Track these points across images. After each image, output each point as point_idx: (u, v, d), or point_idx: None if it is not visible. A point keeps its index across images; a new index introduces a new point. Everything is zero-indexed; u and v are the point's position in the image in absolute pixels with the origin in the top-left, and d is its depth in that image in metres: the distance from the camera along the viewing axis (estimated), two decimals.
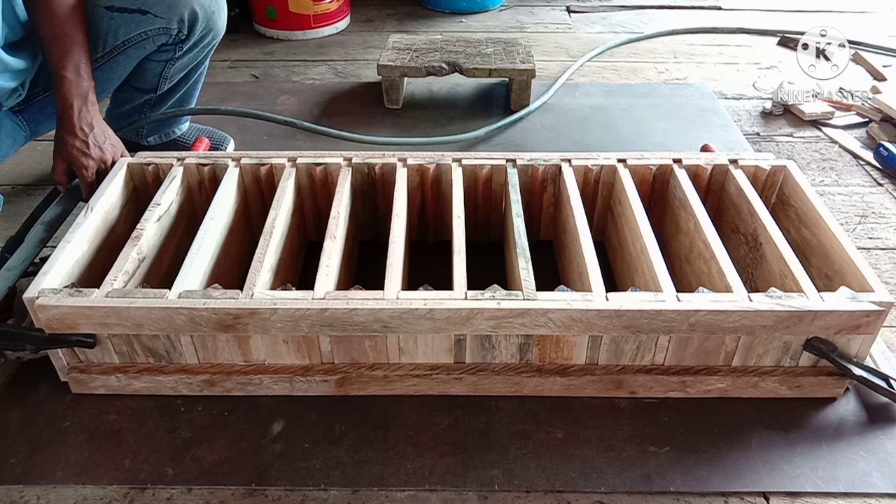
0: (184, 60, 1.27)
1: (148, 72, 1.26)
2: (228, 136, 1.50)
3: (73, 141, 1.07)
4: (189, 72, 1.32)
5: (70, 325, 0.85)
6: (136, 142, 1.40)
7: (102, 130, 1.11)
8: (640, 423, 0.89)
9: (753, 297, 0.84)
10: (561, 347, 0.88)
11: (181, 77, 1.31)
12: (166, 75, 1.27)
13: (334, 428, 0.88)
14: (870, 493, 0.81)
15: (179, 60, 1.26)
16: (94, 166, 1.08)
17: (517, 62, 1.63)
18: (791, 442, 0.86)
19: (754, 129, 1.61)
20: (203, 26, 1.22)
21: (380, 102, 1.69)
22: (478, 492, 0.81)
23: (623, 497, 0.81)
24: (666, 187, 1.10)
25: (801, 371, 0.90)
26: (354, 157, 1.09)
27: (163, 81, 1.28)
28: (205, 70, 1.38)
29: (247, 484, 0.81)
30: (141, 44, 1.19)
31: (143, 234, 0.95)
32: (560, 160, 1.09)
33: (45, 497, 0.81)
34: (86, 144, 1.07)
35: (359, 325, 0.84)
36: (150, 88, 1.29)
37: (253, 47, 2.06)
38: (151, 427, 0.88)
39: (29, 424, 0.88)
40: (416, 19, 2.26)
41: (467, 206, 1.07)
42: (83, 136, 1.07)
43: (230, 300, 0.83)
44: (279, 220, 0.98)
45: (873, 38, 2.03)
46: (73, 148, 1.07)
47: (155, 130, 1.41)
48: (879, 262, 1.19)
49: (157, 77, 1.27)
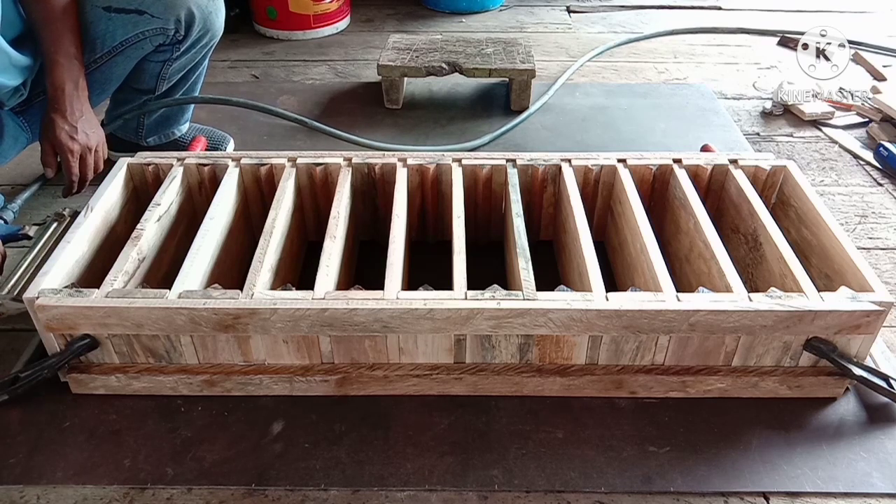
0: (181, 61, 1.26)
1: (146, 72, 1.26)
2: (228, 136, 1.50)
3: (63, 124, 1.07)
4: (187, 72, 1.32)
5: (70, 325, 0.85)
6: (135, 142, 1.40)
7: (89, 118, 1.12)
8: (640, 423, 0.89)
9: (753, 297, 0.84)
10: (561, 347, 0.88)
11: (179, 77, 1.31)
12: (164, 76, 1.27)
13: (334, 428, 0.88)
14: (870, 493, 0.81)
15: (177, 61, 1.26)
16: (79, 151, 1.08)
17: (517, 62, 1.63)
18: (791, 442, 0.86)
19: (754, 129, 1.61)
20: (200, 27, 1.22)
21: (380, 102, 1.69)
22: (478, 492, 0.81)
23: (623, 497, 0.81)
24: (666, 187, 1.10)
25: (801, 371, 0.90)
26: (354, 157, 1.09)
27: (161, 82, 1.28)
28: (203, 70, 1.38)
29: (247, 484, 0.81)
30: (138, 44, 1.19)
31: (143, 234, 0.95)
32: (560, 160, 1.09)
33: (45, 497, 0.81)
34: (74, 129, 1.08)
35: (359, 325, 0.84)
36: (148, 89, 1.29)
37: (253, 47, 2.06)
38: (151, 427, 0.88)
39: (29, 424, 0.88)
40: (416, 19, 2.26)
41: (467, 206, 1.07)
42: (72, 121, 1.08)
43: (230, 300, 0.83)
44: (279, 220, 0.98)
45: (873, 38, 2.03)
46: (62, 131, 1.07)
47: (154, 131, 1.40)
48: (879, 262, 1.19)
49: (156, 78, 1.27)
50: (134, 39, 1.18)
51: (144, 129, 1.39)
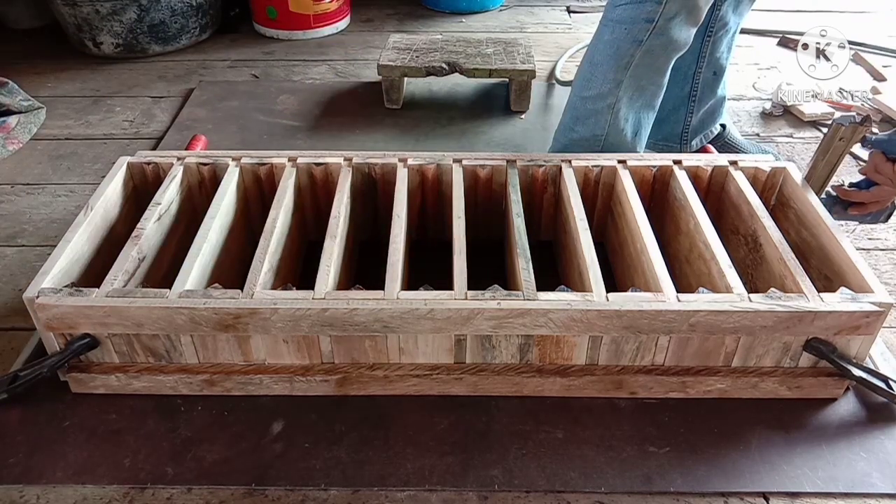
0: None
1: None
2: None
3: None
4: None
5: (70, 324, 0.85)
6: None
7: None
8: (640, 423, 0.89)
9: (753, 298, 0.84)
10: (561, 348, 0.88)
11: None
12: None
13: (334, 428, 0.88)
14: (870, 494, 0.81)
15: None
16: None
17: (517, 62, 1.63)
18: (791, 442, 0.86)
19: (754, 129, 1.61)
20: None
21: (380, 102, 1.69)
22: (478, 492, 0.81)
23: (623, 497, 0.81)
24: (666, 188, 1.10)
25: (800, 372, 0.90)
26: (355, 157, 1.09)
27: None
28: None
29: (247, 484, 0.81)
30: None
31: (144, 233, 0.95)
32: (560, 161, 1.09)
33: (45, 497, 0.81)
34: None
35: (359, 325, 0.84)
36: None
37: (253, 47, 2.06)
38: (151, 427, 0.88)
39: (29, 424, 0.88)
40: (416, 19, 2.26)
41: (467, 206, 1.07)
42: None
43: (230, 300, 0.83)
44: (279, 220, 0.98)
45: (873, 38, 2.03)
46: None
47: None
48: (879, 263, 1.19)
49: None
50: None
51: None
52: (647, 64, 1.11)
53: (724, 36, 1.29)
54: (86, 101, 1.73)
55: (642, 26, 1.08)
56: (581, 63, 1.19)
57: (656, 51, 1.10)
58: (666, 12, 1.06)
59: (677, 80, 1.29)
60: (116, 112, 1.68)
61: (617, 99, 1.14)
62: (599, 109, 1.15)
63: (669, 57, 1.13)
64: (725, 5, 1.23)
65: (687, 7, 1.07)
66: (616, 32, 1.10)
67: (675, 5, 1.05)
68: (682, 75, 1.31)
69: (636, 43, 1.09)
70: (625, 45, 1.10)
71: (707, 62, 1.31)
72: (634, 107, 1.17)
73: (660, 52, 1.11)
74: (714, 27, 1.26)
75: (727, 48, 1.32)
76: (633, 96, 1.15)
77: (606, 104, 1.14)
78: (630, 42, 1.09)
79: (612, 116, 1.15)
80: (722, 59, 1.32)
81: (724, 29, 1.27)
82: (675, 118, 1.38)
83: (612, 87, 1.13)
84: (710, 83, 1.34)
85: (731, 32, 1.30)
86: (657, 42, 1.09)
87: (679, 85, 1.32)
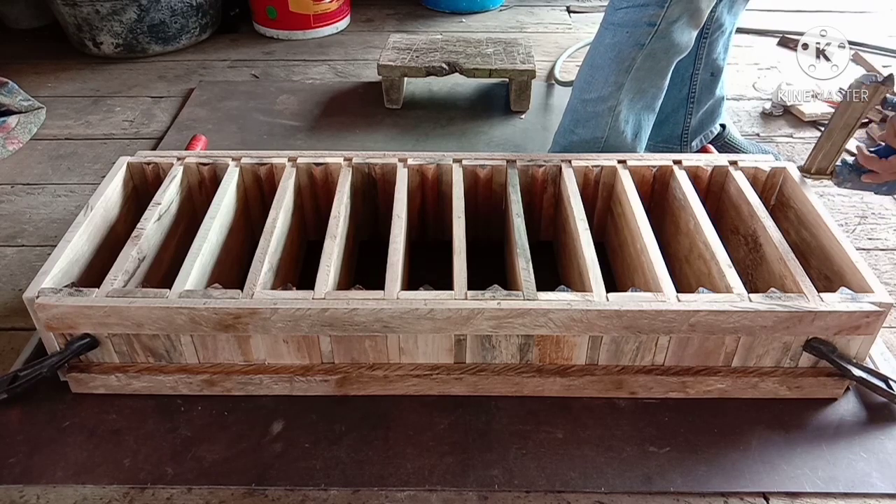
0: None
1: None
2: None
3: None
4: None
5: (70, 324, 0.85)
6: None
7: None
8: (640, 424, 0.89)
9: (753, 298, 0.84)
10: (561, 348, 0.88)
11: None
12: None
13: (334, 428, 0.88)
14: (870, 494, 0.81)
15: None
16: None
17: (517, 62, 1.63)
18: (791, 442, 0.86)
19: (754, 129, 1.61)
20: None
21: (380, 102, 1.69)
22: (478, 492, 0.81)
23: (623, 497, 0.81)
24: (666, 188, 1.10)
25: (800, 372, 0.90)
26: (355, 157, 1.09)
27: None
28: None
29: (247, 484, 0.81)
30: None
31: (144, 233, 0.95)
32: (560, 161, 1.09)
33: (45, 497, 0.81)
34: None
35: (359, 325, 0.84)
36: None
37: (253, 47, 2.06)
38: (151, 427, 0.88)
39: (29, 424, 0.88)
40: (416, 19, 2.26)
41: (467, 206, 1.07)
42: None
43: (230, 300, 0.83)
44: (279, 220, 0.98)
45: (873, 38, 2.03)
46: None
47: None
48: (879, 263, 1.19)
49: None
50: None
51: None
52: (648, 67, 1.11)
53: (720, 37, 1.29)
54: (86, 101, 1.73)
55: (644, 30, 1.07)
56: (581, 65, 1.18)
57: (658, 54, 1.10)
58: (668, 16, 1.06)
59: (675, 83, 1.29)
60: (116, 112, 1.68)
61: (618, 102, 1.14)
62: (600, 112, 1.15)
63: (671, 60, 1.13)
64: (720, 6, 1.23)
65: (689, 10, 1.06)
66: (618, 36, 1.10)
67: (678, 9, 1.05)
68: (680, 77, 1.31)
69: (638, 46, 1.09)
70: (626, 49, 1.10)
71: (704, 63, 1.31)
72: (635, 109, 1.17)
73: (661, 55, 1.11)
74: (710, 28, 1.26)
75: (724, 49, 1.31)
76: (633, 99, 1.15)
77: (607, 107, 1.14)
78: (632, 45, 1.09)
79: (612, 119, 1.15)
80: (719, 59, 1.32)
81: (719, 30, 1.27)
82: (674, 120, 1.38)
83: (614, 90, 1.13)
84: (707, 84, 1.34)
85: (727, 33, 1.30)
86: (659, 45, 1.09)
87: (677, 87, 1.32)
